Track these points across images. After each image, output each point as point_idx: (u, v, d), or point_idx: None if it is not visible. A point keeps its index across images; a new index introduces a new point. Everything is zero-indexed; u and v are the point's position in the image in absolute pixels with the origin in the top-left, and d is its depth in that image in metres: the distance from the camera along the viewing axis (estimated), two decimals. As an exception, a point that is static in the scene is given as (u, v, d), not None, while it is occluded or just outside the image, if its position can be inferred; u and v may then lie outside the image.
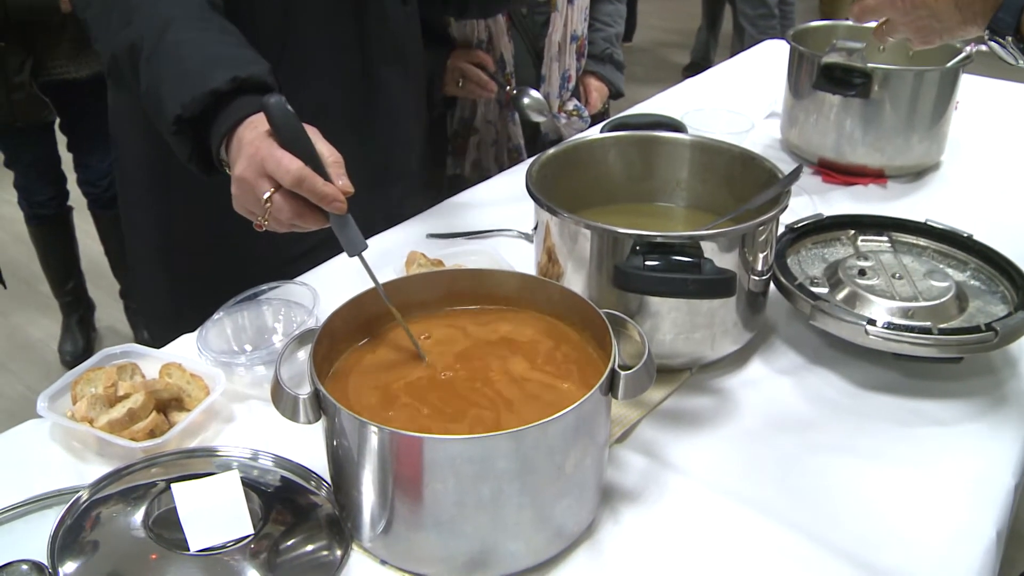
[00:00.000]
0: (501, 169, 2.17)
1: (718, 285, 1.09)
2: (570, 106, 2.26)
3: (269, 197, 1.06)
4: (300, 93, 1.53)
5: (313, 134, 1.09)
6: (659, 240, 1.12)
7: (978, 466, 1.14)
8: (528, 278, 1.15)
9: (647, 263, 1.10)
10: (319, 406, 0.94)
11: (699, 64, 6.02)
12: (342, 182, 1.07)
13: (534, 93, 2.09)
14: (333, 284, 1.42)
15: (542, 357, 1.08)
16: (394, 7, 1.61)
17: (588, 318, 1.06)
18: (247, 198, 1.10)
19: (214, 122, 1.15)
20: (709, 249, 1.13)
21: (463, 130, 2.20)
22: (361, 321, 1.09)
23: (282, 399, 0.95)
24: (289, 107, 1.06)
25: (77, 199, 3.30)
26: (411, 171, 1.79)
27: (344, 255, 1.09)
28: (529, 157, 2.15)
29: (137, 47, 1.21)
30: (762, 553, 1.02)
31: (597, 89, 2.32)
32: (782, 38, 2.48)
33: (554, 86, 2.21)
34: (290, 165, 1.04)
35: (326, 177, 1.06)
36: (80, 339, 3.48)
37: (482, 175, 2.16)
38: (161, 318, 1.71)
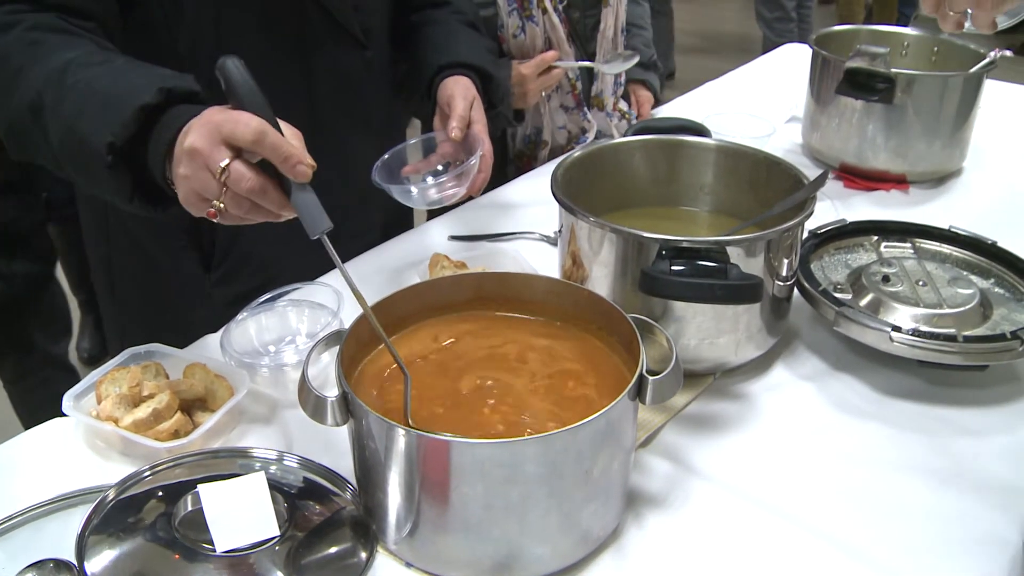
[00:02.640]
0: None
1: (745, 291, 1.09)
2: (623, 106, 2.22)
3: (226, 166, 0.96)
4: None
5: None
6: (685, 245, 1.12)
7: (1003, 474, 1.13)
8: (555, 282, 1.15)
9: (674, 268, 1.10)
10: (347, 408, 0.94)
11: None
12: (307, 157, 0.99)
13: (624, 51, 2.09)
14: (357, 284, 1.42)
15: (569, 361, 1.08)
16: (348, 53, 1.49)
17: (615, 322, 1.06)
18: (199, 176, 0.98)
19: (149, 142, 1.04)
20: (735, 254, 1.13)
21: (528, 147, 2.12)
22: (388, 323, 1.09)
23: (310, 401, 0.95)
24: (247, 70, 0.98)
25: (95, 198, 3.30)
26: (368, 230, 1.66)
27: (356, 260, 1.05)
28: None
29: (36, 104, 1.10)
30: (784, 558, 1.01)
31: (647, 100, 2.29)
32: (801, 42, 2.48)
33: (608, 84, 2.16)
34: (250, 120, 0.95)
35: None
36: (97, 337, 3.49)
37: None
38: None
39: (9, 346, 2.53)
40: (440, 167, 1.46)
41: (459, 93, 1.45)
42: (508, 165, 2.13)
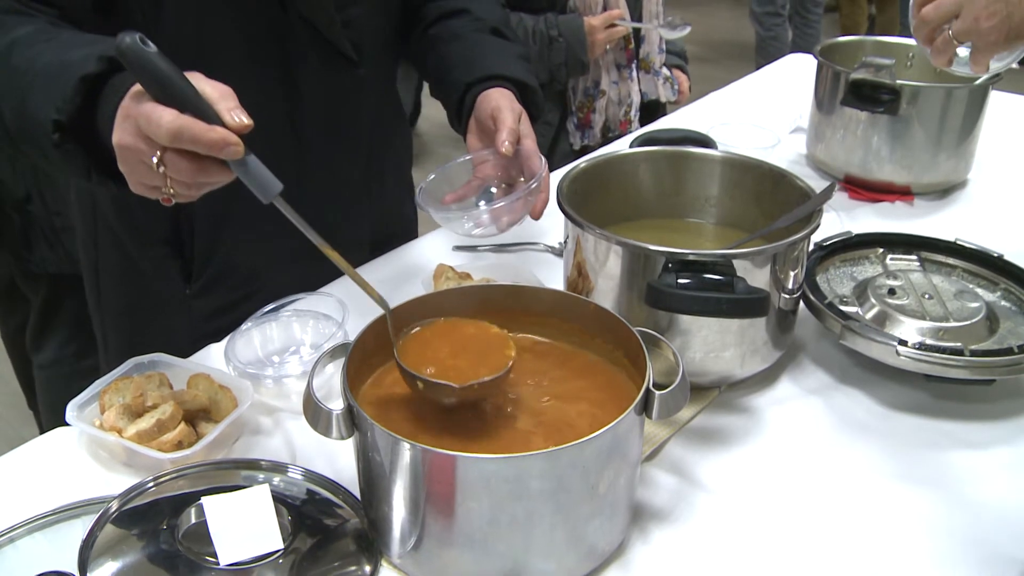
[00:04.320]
0: (622, 129, 2.45)
1: (752, 304, 1.09)
2: (666, 71, 2.51)
3: (159, 160, 0.92)
4: None
5: (194, 76, 0.94)
6: (691, 258, 1.11)
7: (1010, 490, 1.12)
8: (562, 295, 1.14)
9: (680, 281, 1.09)
10: (352, 422, 0.94)
11: None
12: (237, 119, 0.93)
13: (677, 20, 2.41)
14: (360, 296, 1.42)
15: (575, 375, 1.08)
16: (337, 71, 1.41)
17: (621, 336, 1.05)
18: (137, 170, 0.96)
19: (98, 116, 1.00)
20: (741, 267, 1.12)
21: (588, 100, 2.39)
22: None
23: (315, 414, 0.94)
24: (150, 45, 0.90)
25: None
26: (357, 248, 1.57)
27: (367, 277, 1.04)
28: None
29: None
30: (789, 573, 1.01)
31: (685, 80, 2.61)
32: (807, 51, 2.48)
33: (653, 45, 2.46)
34: (161, 118, 0.90)
35: (216, 121, 0.92)
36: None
37: (609, 139, 2.40)
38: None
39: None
40: (494, 190, 1.36)
41: (505, 105, 1.34)
42: (569, 117, 2.43)
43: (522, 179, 1.32)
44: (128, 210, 1.44)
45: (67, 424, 1.15)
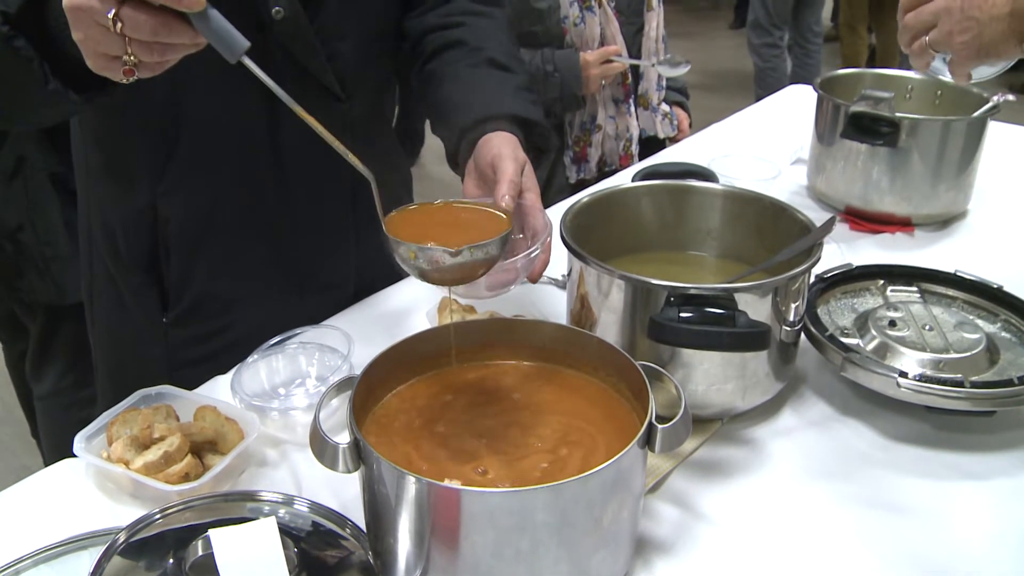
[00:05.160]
0: (622, 164, 2.47)
1: (753, 338, 1.10)
2: (665, 107, 2.56)
3: (115, 15, 0.86)
4: (194, 187, 1.38)
5: None
6: (693, 292, 1.13)
7: (1012, 520, 1.13)
8: (564, 328, 1.15)
9: (682, 315, 1.10)
10: (358, 455, 0.95)
11: None
12: None
13: (677, 58, 2.44)
14: (365, 328, 1.43)
15: (578, 407, 1.09)
16: (323, 106, 1.30)
17: (624, 370, 1.06)
18: (93, 35, 0.90)
19: (48, 6, 0.97)
20: (743, 301, 1.13)
21: (584, 134, 2.44)
22: (399, 369, 1.09)
23: (321, 447, 0.95)
24: None
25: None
26: (343, 282, 1.56)
27: (359, 302, 1.03)
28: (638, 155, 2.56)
29: None
30: (796, 608, 1.01)
31: (685, 118, 2.66)
32: (806, 83, 2.50)
33: (652, 83, 2.52)
34: None
35: None
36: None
37: (605, 173, 2.43)
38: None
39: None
40: None
41: (507, 153, 1.23)
42: (566, 151, 2.47)
43: (521, 235, 1.25)
44: (112, 234, 1.45)
45: (73, 455, 1.16)
